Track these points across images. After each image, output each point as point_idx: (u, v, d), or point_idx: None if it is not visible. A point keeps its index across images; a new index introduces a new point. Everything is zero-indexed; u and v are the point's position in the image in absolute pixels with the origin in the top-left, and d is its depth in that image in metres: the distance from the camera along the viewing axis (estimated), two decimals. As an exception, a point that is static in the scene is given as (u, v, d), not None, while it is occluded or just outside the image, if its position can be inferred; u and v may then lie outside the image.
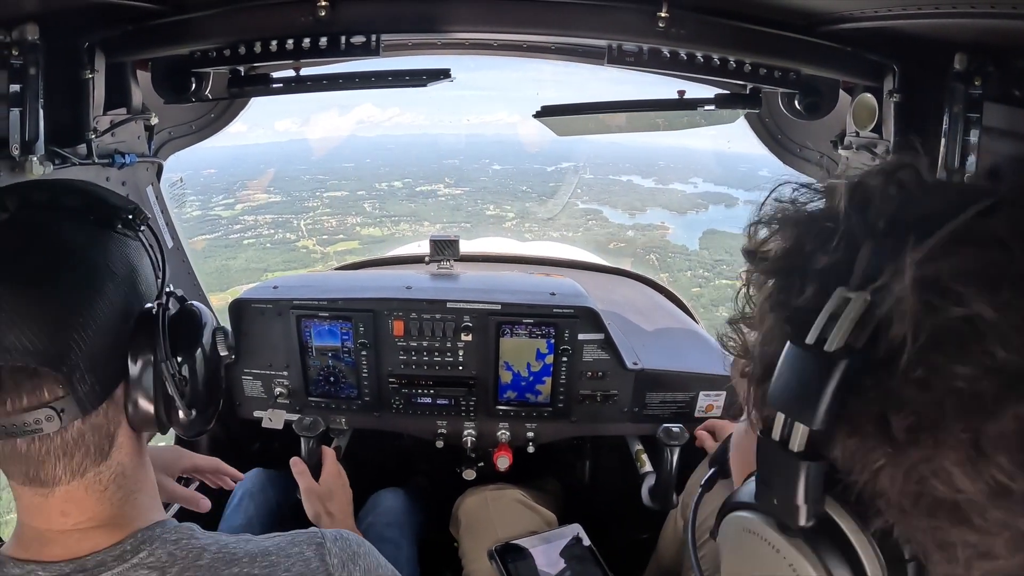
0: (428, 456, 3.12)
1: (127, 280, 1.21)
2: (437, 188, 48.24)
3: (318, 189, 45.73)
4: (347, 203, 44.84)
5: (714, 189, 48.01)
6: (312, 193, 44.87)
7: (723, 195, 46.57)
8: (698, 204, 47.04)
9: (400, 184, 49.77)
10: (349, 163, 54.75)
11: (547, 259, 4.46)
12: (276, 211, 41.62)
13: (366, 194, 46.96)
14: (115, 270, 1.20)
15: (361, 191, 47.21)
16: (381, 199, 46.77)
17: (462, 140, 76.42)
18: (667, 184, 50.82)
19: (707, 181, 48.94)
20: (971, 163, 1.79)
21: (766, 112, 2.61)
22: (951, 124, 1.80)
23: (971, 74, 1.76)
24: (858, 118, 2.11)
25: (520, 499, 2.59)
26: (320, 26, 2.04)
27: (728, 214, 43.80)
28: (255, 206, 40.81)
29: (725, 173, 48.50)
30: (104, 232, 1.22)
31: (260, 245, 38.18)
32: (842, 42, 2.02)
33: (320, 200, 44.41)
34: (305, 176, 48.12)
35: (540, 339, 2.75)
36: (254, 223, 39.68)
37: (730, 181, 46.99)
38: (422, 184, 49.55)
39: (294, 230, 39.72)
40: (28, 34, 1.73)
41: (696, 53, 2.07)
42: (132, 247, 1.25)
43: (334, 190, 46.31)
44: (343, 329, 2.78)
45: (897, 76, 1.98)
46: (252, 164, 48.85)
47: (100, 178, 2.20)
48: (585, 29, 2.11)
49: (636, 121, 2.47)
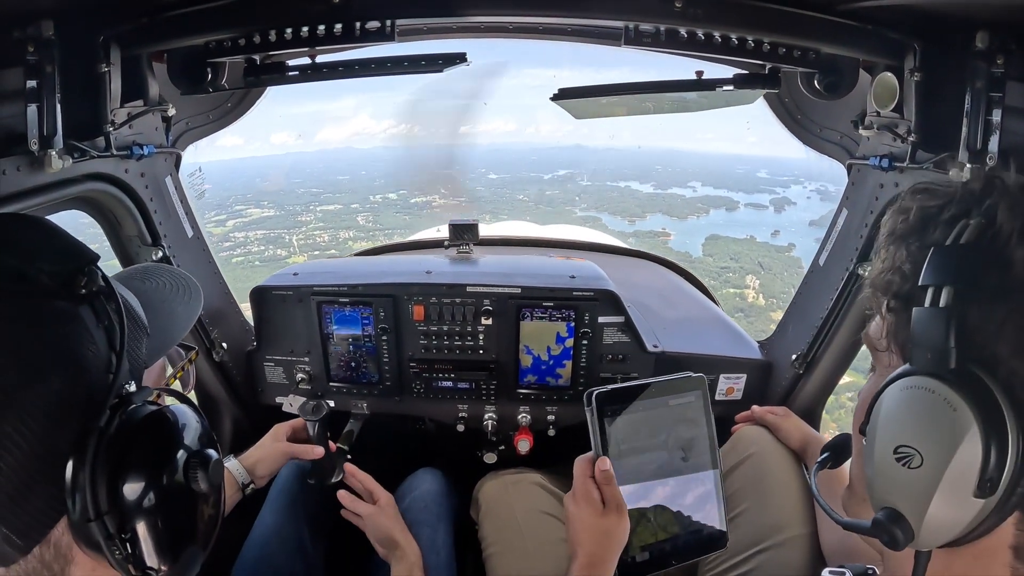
0: (449, 440, 3.15)
1: (61, 378, 0.93)
2: (432, 199, 47.74)
3: (312, 202, 45.30)
4: (341, 216, 44.41)
5: (713, 192, 47.87)
6: (306, 207, 44.43)
7: (723, 198, 46.48)
8: (698, 209, 46.74)
9: (395, 196, 49.53)
10: (344, 175, 54.42)
11: (567, 242, 4.45)
12: (269, 226, 40.87)
13: (360, 207, 46.61)
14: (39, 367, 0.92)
15: (355, 204, 46.89)
16: (375, 212, 46.31)
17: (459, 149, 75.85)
18: (666, 189, 50.59)
19: (706, 185, 48.77)
20: (994, 142, 1.77)
21: (785, 92, 2.58)
22: (973, 103, 1.77)
23: (993, 52, 1.73)
24: (879, 97, 2.08)
25: (540, 483, 2.61)
26: (335, 12, 2.03)
27: (730, 218, 43.54)
28: (247, 221, 40.03)
29: (723, 176, 48.32)
30: (28, 306, 0.95)
31: (249, 263, 37.01)
32: (862, 20, 1.98)
33: (314, 214, 43.91)
34: (300, 189, 47.81)
35: (560, 322, 2.77)
36: (244, 239, 38.74)
37: (729, 184, 46.92)
38: (417, 196, 49.19)
39: (286, 246, 38.84)
40: (43, 30, 1.73)
41: (714, 33, 2.05)
42: (73, 325, 0.97)
43: (328, 203, 46.02)
44: (363, 315, 2.81)
45: (918, 55, 1.94)
46: (248, 178, 48.29)
47: (119, 170, 2.22)
48: (601, 10, 2.09)
49: (655, 103, 2.44)
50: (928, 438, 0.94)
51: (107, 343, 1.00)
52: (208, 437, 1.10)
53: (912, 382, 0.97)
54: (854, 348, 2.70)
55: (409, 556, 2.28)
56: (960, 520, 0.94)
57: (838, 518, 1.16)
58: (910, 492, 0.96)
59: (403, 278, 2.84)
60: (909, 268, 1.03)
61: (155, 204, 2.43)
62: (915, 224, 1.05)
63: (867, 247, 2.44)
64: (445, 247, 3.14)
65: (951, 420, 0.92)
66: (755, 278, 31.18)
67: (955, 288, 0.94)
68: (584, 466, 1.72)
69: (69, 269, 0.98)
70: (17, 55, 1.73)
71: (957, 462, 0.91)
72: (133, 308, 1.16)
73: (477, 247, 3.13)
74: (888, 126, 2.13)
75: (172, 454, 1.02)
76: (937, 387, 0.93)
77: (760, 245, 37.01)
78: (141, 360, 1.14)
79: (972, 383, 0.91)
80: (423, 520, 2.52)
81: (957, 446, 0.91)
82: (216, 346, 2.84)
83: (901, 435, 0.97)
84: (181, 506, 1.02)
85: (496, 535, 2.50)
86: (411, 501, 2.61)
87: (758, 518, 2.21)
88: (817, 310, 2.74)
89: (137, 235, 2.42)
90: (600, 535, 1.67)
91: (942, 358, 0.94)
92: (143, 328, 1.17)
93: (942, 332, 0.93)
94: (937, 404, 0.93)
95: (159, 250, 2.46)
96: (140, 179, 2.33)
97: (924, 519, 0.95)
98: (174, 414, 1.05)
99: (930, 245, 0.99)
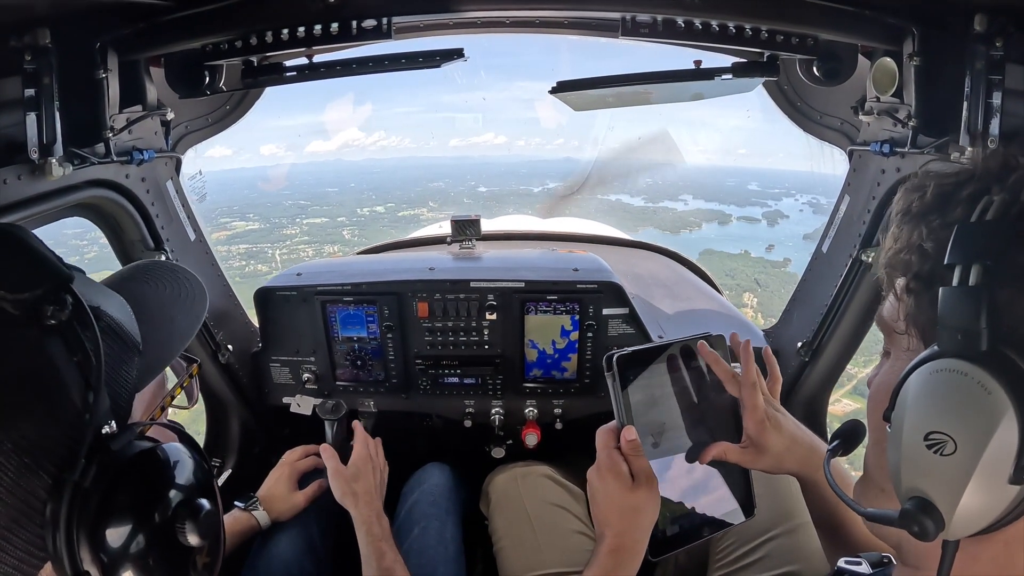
0: (457, 435, 3.16)
1: (28, 421, 0.84)
2: (420, 212, 46.86)
3: (299, 215, 44.64)
4: (326, 230, 43.67)
5: (705, 206, 47.42)
6: (292, 220, 43.73)
7: (715, 212, 45.97)
8: (691, 223, 46.21)
9: (383, 209, 48.82)
10: (333, 188, 53.87)
11: (570, 235, 4.45)
12: (252, 240, 39.92)
13: (347, 220, 45.93)
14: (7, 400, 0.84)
15: (342, 217, 46.23)
16: (361, 225, 45.57)
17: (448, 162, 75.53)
18: (657, 203, 50.10)
19: (697, 198, 48.33)
20: (994, 125, 1.76)
21: (784, 80, 2.57)
22: (973, 87, 1.77)
23: (992, 35, 1.72)
24: (878, 83, 2.07)
25: (549, 475, 2.62)
26: (331, 12, 2.03)
27: (723, 232, 42.92)
28: (231, 235, 38.92)
29: (713, 189, 47.80)
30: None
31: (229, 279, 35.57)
32: (860, 6, 1.97)
33: (299, 227, 43.11)
34: (287, 202, 47.18)
35: (564, 315, 2.77)
36: (227, 254, 36.79)
37: (720, 197, 46.33)
38: (405, 209, 48.50)
39: (268, 260, 37.41)
40: (39, 38, 1.73)
41: (711, 22, 2.04)
42: (39, 360, 0.87)
43: (315, 216, 45.36)
44: (368, 313, 2.81)
45: (917, 39, 1.93)
46: (236, 189, 47.16)
47: (120, 175, 2.22)
48: (598, 1, 2.08)
49: (654, 93, 2.43)
50: (962, 423, 0.91)
51: (81, 378, 0.89)
52: (204, 478, 1.02)
53: (942, 364, 0.94)
54: (860, 335, 2.70)
55: (360, 527, 2.27)
56: (994, 508, 0.91)
57: (860, 509, 1.11)
58: (943, 480, 0.92)
59: (407, 275, 2.85)
60: (932, 246, 1.00)
61: (157, 208, 2.43)
62: (933, 202, 1.03)
63: (870, 233, 2.44)
64: (448, 243, 3.14)
65: (986, 404, 0.89)
66: (753, 296, 30.39)
67: (984, 266, 0.91)
68: (607, 437, 1.57)
69: (35, 295, 0.87)
70: (14, 64, 1.73)
71: (993, 448, 0.88)
72: (121, 325, 1.04)
73: (480, 242, 3.13)
74: (888, 111, 2.12)
75: (159, 502, 0.93)
76: (970, 370, 0.90)
77: (755, 260, 36.48)
78: (130, 385, 1.04)
79: (1006, 364, 0.89)
80: (432, 514, 2.53)
81: (993, 431, 0.88)
82: (222, 348, 2.85)
83: (932, 421, 0.94)
84: (171, 559, 0.94)
85: (506, 528, 2.51)
86: (419, 495, 2.62)
87: (769, 505, 2.19)
88: (821, 297, 2.74)
89: (140, 240, 2.42)
90: (630, 512, 1.52)
91: (973, 340, 0.91)
92: (133, 347, 1.06)
93: (973, 312, 0.91)
94: (971, 387, 0.90)
95: (162, 254, 2.47)
96: (141, 184, 2.33)
97: (957, 508, 0.91)
98: (164, 453, 0.97)
99: (953, 223, 0.96)
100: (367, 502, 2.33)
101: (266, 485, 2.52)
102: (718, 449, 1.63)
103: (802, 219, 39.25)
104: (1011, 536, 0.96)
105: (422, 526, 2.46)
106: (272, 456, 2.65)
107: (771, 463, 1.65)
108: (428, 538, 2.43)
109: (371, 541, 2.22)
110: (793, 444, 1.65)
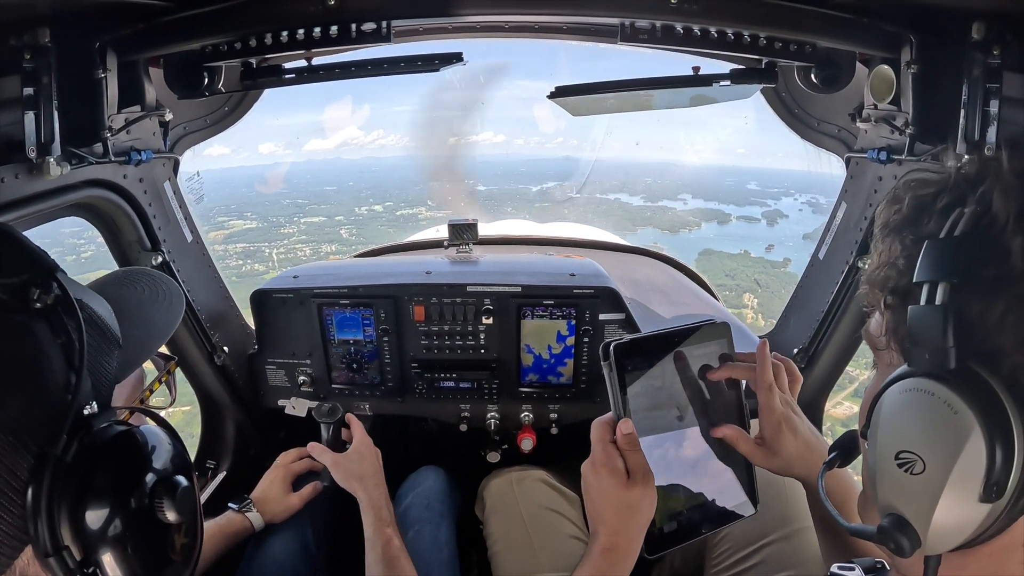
0: (453, 439, 3.15)
1: (13, 400, 0.86)
2: (419, 212, 46.69)
3: (296, 214, 44.44)
4: (324, 229, 43.54)
5: (704, 205, 47.45)
6: (289, 219, 43.59)
7: (715, 211, 45.98)
8: (690, 222, 46.33)
9: (381, 208, 48.73)
10: (331, 186, 53.57)
11: (567, 240, 4.44)
12: (250, 239, 39.81)
13: (344, 219, 45.76)
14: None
15: (339, 216, 46.07)
16: (359, 224, 45.40)
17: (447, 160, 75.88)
18: (656, 202, 50.19)
19: (696, 197, 48.38)
20: (991, 133, 1.77)
21: (782, 86, 2.58)
22: (970, 94, 1.77)
23: (989, 43, 1.73)
24: (876, 90, 2.08)
25: (545, 480, 2.62)
26: (330, 15, 2.04)
27: (722, 231, 42.95)
28: (228, 234, 38.94)
29: (713, 188, 47.80)
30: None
31: (225, 279, 35.08)
32: (857, 13, 1.98)
33: (297, 226, 42.98)
34: (285, 200, 47.00)
35: (561, 320, 2.77)
36: (224, 253, 36.56)
37: (719, 196, 46.38)
38: (403, 208, 48.23)
39: (264, 260, 37.21)
40: (39, 37, 1.73)
41: (710, 28, 2.05)
42: (26, 342, 0.90)
43: (312, 215, 45.21)
44: (364, 316, 2.81)
45: (914, 46, 1.94)
46: (233, 188, 46.93)
47: (118, 176, 2.22)
48: (597, 6, 2.09)
49: (653, 98, 2.44)
50: (929, 443, 0.91)
51: (65, 361, 0.92)
52: (181, 460, 1.04)
53: (911, 384, 0.94)
54: (856, 342, 2.71)
55: (368, 511, 2.26)
56: (967, 525, 0.91)
57: (844, 523, 1.10)
58: (914, 498, 0.93)
59: (403, 279, 2.84)
60: (904, 263, 1.00)
61: (154, 209, 2.42)
62: (909, 215, 1.02)
63: (866, 240, 2.44)
64: (445, 247, 3.14)
65: (952, 424, 0.89)
66: (753, 296, 30.36)
67: (951, 284, 0.90)
68: (603, 430, 1.49)
69: (22, 280, 0.90)
70: (14, 63, 1.73)
71: (961, 467, 0.88)
72: (102, 318, 1.08)
73: (477, 246, 3.13)
74: (886, 119, 2.13)
75: (138, 480, 0.95)
76: (936, 389, 0.90)
77: (755, 260, 36.46)
78: (110, 375, 1.07)
79: (973, 383, 0.88)
80: (425, 518, 2.53)
81: (960, 451, 0.88)
82: (218, 350, 2.84)
83: (902, 440, 0.94)
84: (150, 536, 0.96)
85: (501, 532, 2.50)
86: (413, 498, 2.62)
87: (765, 511, 2.17)
88: (818, 304, 2.75)
89: (137, 241, 2.42)
90: (625, 509, 1.45)
91: (941, 358, 0.91)
92: (113, 340, 1.09)
93: (939, 331, 0.90)
94: (937, 407, 0.90)
95: (159, 255, 2.46)
96: (139, 184, 2.33)
97: (930, 526, 0.92)
98: (143, 435, 0.99)
99: (925, 237, 0.96)
100: (376, 484, 2.33)
101: (260, 487, 2.51)
102: (732, 431, 1.58)
103: (802, 219, 39.32)
104: (996, 548, 0.95)
105: (416, 529, 2.46)
106: (267, 459, 2.64)
107: (781, 465, 1.61)
108: (422, 541, 2.43)
109: (380, 526, 2.21)
110: (807, 451, 1.62)
